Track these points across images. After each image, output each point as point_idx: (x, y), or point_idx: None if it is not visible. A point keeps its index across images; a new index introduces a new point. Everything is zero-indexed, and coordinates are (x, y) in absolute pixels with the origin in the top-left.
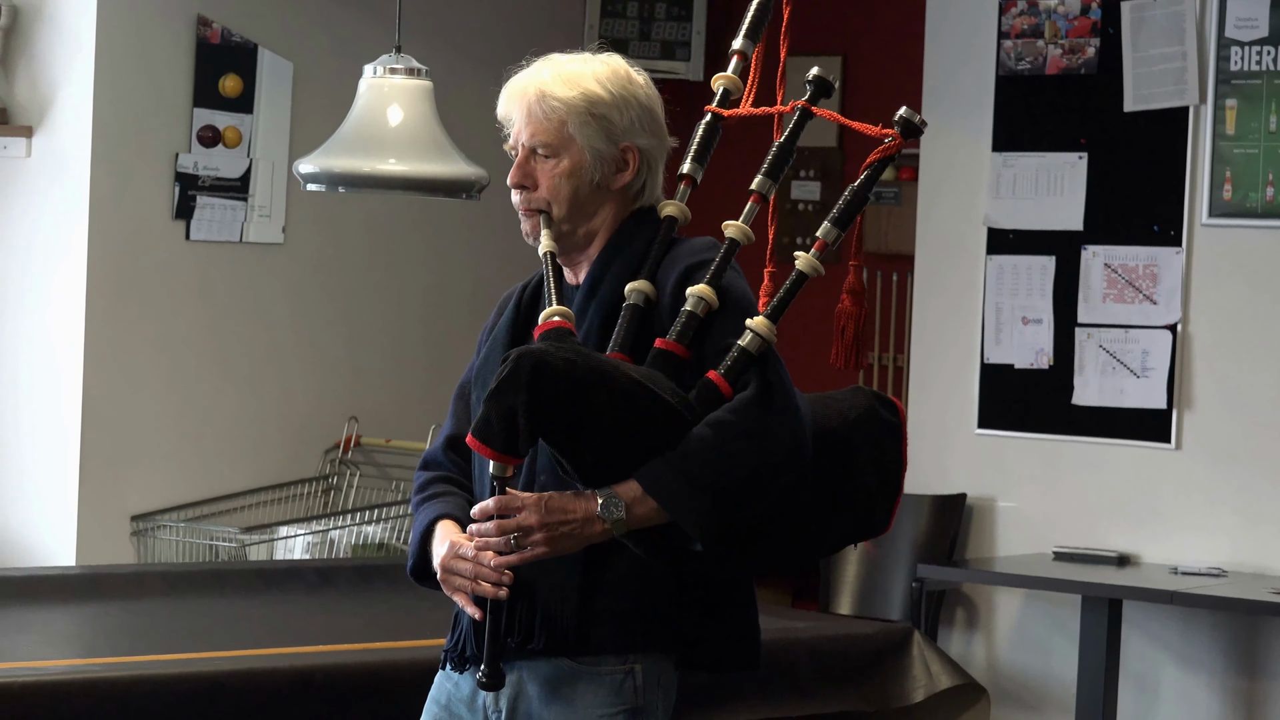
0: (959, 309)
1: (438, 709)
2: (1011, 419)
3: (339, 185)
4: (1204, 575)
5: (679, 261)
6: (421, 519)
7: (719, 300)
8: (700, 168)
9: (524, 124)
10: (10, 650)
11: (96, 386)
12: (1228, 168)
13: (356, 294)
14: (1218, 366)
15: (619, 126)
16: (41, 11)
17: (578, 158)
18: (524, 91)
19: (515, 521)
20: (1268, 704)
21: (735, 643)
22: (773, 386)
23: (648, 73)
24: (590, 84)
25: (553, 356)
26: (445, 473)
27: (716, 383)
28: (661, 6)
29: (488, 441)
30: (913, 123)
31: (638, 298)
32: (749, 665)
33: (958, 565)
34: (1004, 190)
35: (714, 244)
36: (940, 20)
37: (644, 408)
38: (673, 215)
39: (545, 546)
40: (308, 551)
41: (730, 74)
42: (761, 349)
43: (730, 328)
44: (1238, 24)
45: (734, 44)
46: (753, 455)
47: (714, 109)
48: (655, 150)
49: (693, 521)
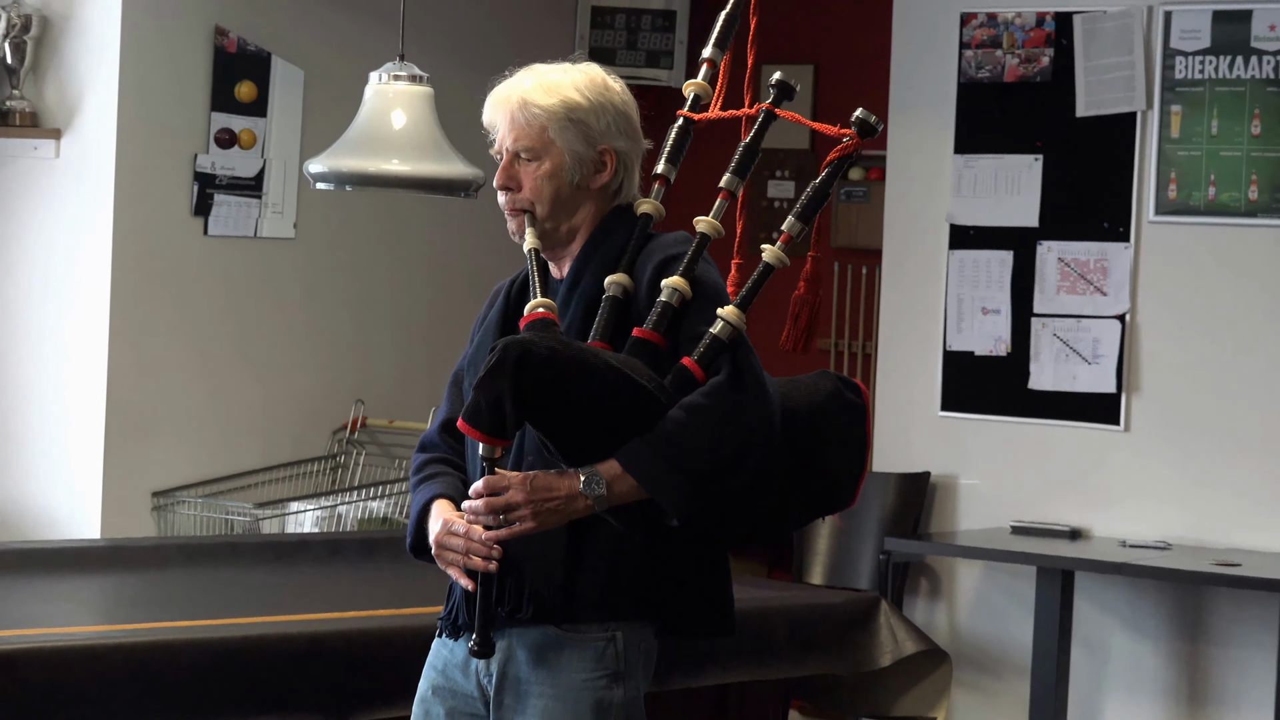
0: (923, 300)
1: (435, 674)
2: (972, 402)
3: (346, 184)
4: (1150, 548)
5: (654, 255)
6: (418, 499)
7: (692, 291)
8: (673, 168)
9: (508, 130)
10: (40, 617)
11: (120, 371)
12: (1172, 169)
13: (363, 285)
14: (1163, 354)
15: (596, 130)
16: (69, 22)
17: (558, 160)
18: (508, 99)
19: (503, 499)
20: (1209, 666)
21: (710, 611)
22: (743, 371)
23: (634, 80)
24: (569, 91)
25: (536, 346)
26: (441, 454)
27: (690, 368)
28: (647, 18)
29: (477, 425)
30: (869, 123)
31: (616, 289)
32: (724, 632)
33: (922, 539)
34: (965, 189)
35: (686, 238)
36: (906, 31)
37: (623, 392)
38: (648, 212)
39: (531, 522)
40: (317, 525)
41: (700, 80)
42: (732, 336)
43: (703, 317)
44: (1182, 36)
45: (704, 52)
46: (725, 436)
47: (685, 113)
48: (631, 152)
49: (669, 498)
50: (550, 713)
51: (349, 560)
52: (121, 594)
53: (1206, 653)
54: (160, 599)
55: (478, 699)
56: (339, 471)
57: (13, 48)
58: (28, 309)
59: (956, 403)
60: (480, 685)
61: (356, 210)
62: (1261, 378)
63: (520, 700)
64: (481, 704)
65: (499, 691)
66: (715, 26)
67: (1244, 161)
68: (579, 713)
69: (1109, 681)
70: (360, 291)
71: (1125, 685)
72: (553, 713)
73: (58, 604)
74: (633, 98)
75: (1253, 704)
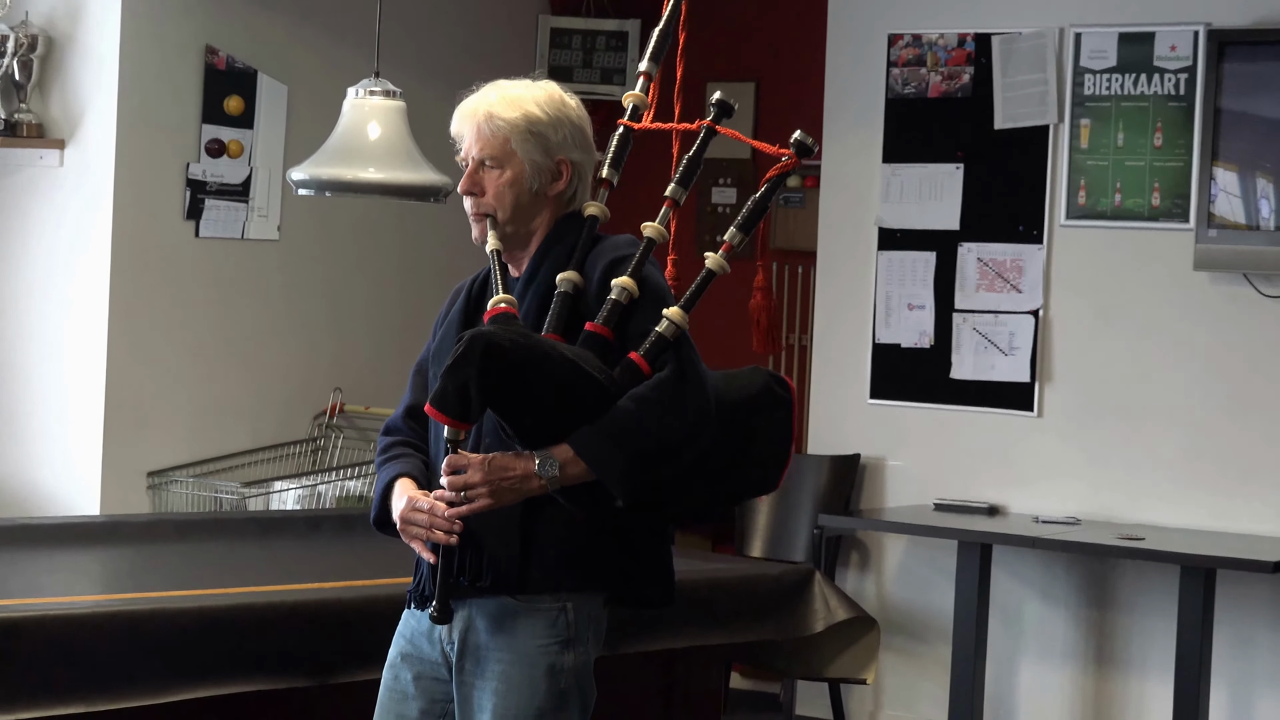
0: (854, 297)
1: (403, 641)
2: (899, 391)
3: (326, 190)
4: (1061, 523)
5: (604, 255)
6: (383, 477)
7: (639, 290)
8: (616, 172)
9: (473, 140)
10: (43, 587)
11: (118, 361)
12: (1082, 177)
13: (340, 283)
14: (1073, 346)
15: (554, 142)
16: (72, 42)
17: (519, 169)
18: (474, 112)
19: (463, 478)
20: (1115, 632)
21: (653, 583)
22: (685, 367)
23: (589, 96)
24: (530, 106)
25: (501, 337)
26: (404, 438)
27: (637, 362)
28: (601, 39)
29: (444, 409)
30: (805, 144)
31: (567, 285)
32: (665, 602)
33: (853, 515)
34: (892, 195)
35: (634, 241)
36: (839, 51)
37: (576, 383)
38: (595, 214)
39: (489, 499)
40: (299, 503)
41: (638, 92)
42: (676, 334)
43: (649, 315)
44: (1091, 55)
45: (640, 66)
46: (667, 426)
47: (625, 122)
48: (585, 163)
49: (615, 480)
50: (507, 677)
51: (327, 535)
52: (119, 566)
53: (1113, 619)
54: (155, 570)
55: (441, 665)
56: (319, 453)
57: (20, 65)
58: (34, 304)
59: (885, 391)
60: (444, 652)
61: (335, 214)
62: (1162, 367)
63: (480, 665)
64: (445, 669)
65: (460, 657)
66: (649, 42)
67: (1147, 171)
68: (533, 676)
69: (1024, 646)
70: (338, 289)
71: (1038, 649)
72: (509, 677)
73: (60, 575)
74: (587, 113)
75: (1155, 666)
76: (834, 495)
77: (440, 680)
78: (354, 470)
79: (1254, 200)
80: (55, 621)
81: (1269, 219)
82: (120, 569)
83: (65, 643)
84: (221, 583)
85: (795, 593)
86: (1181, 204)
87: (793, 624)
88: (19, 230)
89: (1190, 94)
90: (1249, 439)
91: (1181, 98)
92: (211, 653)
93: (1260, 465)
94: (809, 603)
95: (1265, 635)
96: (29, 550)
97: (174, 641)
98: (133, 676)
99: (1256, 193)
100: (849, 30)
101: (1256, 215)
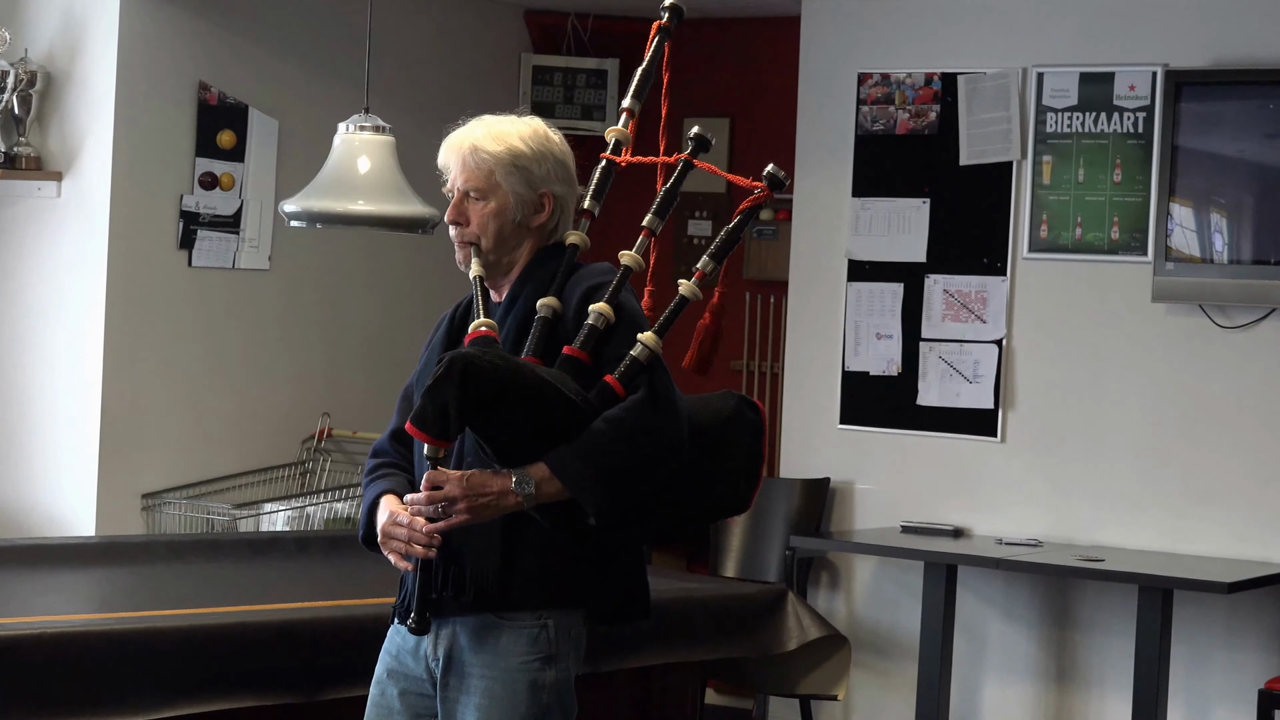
0: (824, 326)
1: (389, 658)
2: (867, 416)
3: (317, 222)
4: (1024, 545)
5: (582, 282)
6: (368, 495)
7: (615, 316)
8: (597, 204)
9: (459, 172)
10: (41, 606)
11: (113, 386)
12: (1044, 211)
13: (330, 311)
14: (1035, 374)
15: (537, 175)
16: (70, 77)
17: (503, 201)
18: (460, 145)
19: (442, 494)
20: (1075, 650)
21: (628, 598)
22: (659, 390)
23: (570, 131)
24: (515, 140)
25: (480, 359)
26: (390, 459)
27: (613, 385)
28: (582, 76)
29: (424, 428)
30: (778, 178)
31: (546, 311)
32: (641, 616)
33: (823, 537)
34: (862, 228)
35: (611, 269)
36: (810, 89)
37: (553, 404)
38: (575, 243)
39: (467, 515)
40: (288, 524)
41: (620, 128)
42: (650, 359)
43: (624, 339)
44: (1052, 94)
45: (624, 102)
46: (641, 447)
47: (608, 156)
48: (567, 196)
49: (590, 499)
50: (489, 692)
51: (316, 556)
52: (115, 586)
53: (1073, 638)
54: (149, 590)
55: (426, 680)
56: (307, 476)
57: (20, 100)
58: (32, 330)
59: (854, 417)
60: (429, 668)
61: (324, 246)
62: (1122, 395)
63: (463, 680)
64: (430, 685)
65: (445, 673)
66: (633, 80)
67: (1107, 205)
68: (515, 691)
69: (987, 663)
70: (327, 317)
71: (1002, 667)
72: (492, 692)
73: (58, 594)
74: (569, 148)
75: (1114, 684)
76: (805, 517)
77: (425, 696)
78: (341, 493)
79: (1209, 235)
80: (52, 639)
81: (1223, 253)
82: (115, 589)
83: (62, 660)
84: (214, 603)
85: (769, 611)
86: (1140, 238)
87: (767, 642)
88: (18, 259)
89: (1148, 132)
90: (1204, 464)
91: (1140, 135)
92: (204, 671)
93: (1215, 489)
94: (782, 621)
95: (1220, 653)
96: (27, 570)
97: (167, 660)
98: (127, 693)
99: (1211, 227)
100: (820, 69)
101: (1211, 249)
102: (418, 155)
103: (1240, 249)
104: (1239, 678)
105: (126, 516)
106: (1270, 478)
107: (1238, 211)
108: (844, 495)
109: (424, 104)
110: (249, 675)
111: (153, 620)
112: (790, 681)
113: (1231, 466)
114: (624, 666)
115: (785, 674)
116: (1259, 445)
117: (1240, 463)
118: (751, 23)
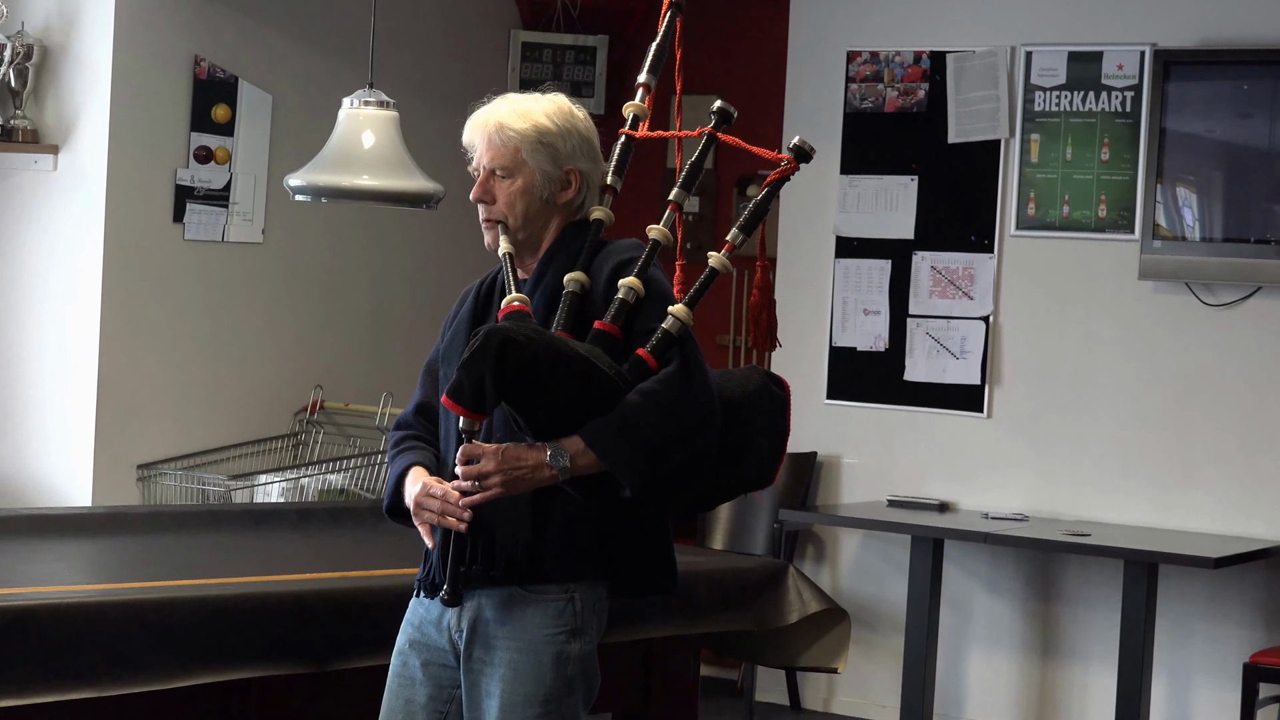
0: (813, 302)
1: (412, 629)
2: (854, 392)
3: (322, 196)
4: (1009, 520)
5: (611, 258)
6: (397, 466)
7: (645, 290)
8: (619, 179)
9: (485, 150)
10: (49, 576)
11: (109, 358)
12: (1031, 190)
13: (322, 284)
14: (1021, 351)
15: (563, 153)
16: (66, 51)
17: (530, 178)
18: (485, 123)
19: (477, 467)
20: (1060, 623)
21: (655, 570)
22: (690, 363)
23: None
24: (540, 118)
25: (516, 333)
26: (415, 432)
27: (645, 358)
28: (570, 53)
29: (460, 401)
30: (804, 150)
31: (575, 285)
32: (668, 589)
33: (810, 510)
34: (850, 206)
35: (639, 244)
36: (799, 67)
37: (588, 377)
38: (600, 218)
39: (501, 488)
40: (282, 495)
41: (638, 103)
42: (681, 331)
43: (655, 313)
44: (1041, 73)
45: (639, 78)
46: (675, 419)
47: (627, 131)
48: (593, 172)
49: (624, 472)
50: (515, 664)
51: (317, 527)
52: (121, 556)
53: (1058, 611)
54: (154, 560)
55: (449, 652)
56: (300, 448)
57: (16, 73)
58: (29, 303)
59: (841, 392)
60: (452, 640)
61: (317, 219)
62: (1107, 371)
63: (489, 653)
64: (453, 656)
65: (469, 645)
66: (648, 57)
67: (1094, 184)
68: (540, 663)
69: (973, 636)
70: (320, 290)
71: (987, 639)
72: (517, 664)
73: (63, 564)
74: (594, 125)
75: (1099, 656)
76: (793, 491)
77: (448, 667)
78: (334, 464)
79: (1195, 213)
80: (68, 610)
81: (1210, 231)
82: (121, 559)
83: (77, 630)
84: (219, 573)
85: (770, 585)
86: (1127, 216)
87: (768, 615)
88: (14, 231)
89: (1136, 111)
90: (1189, 440)
91: (1128, 114)
92: (216, 641)
93: (1200, 465)
94: (783, 595)
95: (1204, 627)
96: (32, 540)
97: (179, 630)
98: (142, 662)
99: (1196, 206)
100: (809, 47)
101: (1197, 228)
102: (409, 129)
103: (1226, 227)
104: (1223, 652)
105: (122, 487)
106: (1255, 453)
107: (1223, 190)
108: (831, 469)
109: (415, 80)
110: (261, 646)
111: (164, 590)
112: (791, 654)
113: (1217, 443)
114: (625, 639)
115: (786, 647)
116: (1244, 422)
117: (1225, 439)
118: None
